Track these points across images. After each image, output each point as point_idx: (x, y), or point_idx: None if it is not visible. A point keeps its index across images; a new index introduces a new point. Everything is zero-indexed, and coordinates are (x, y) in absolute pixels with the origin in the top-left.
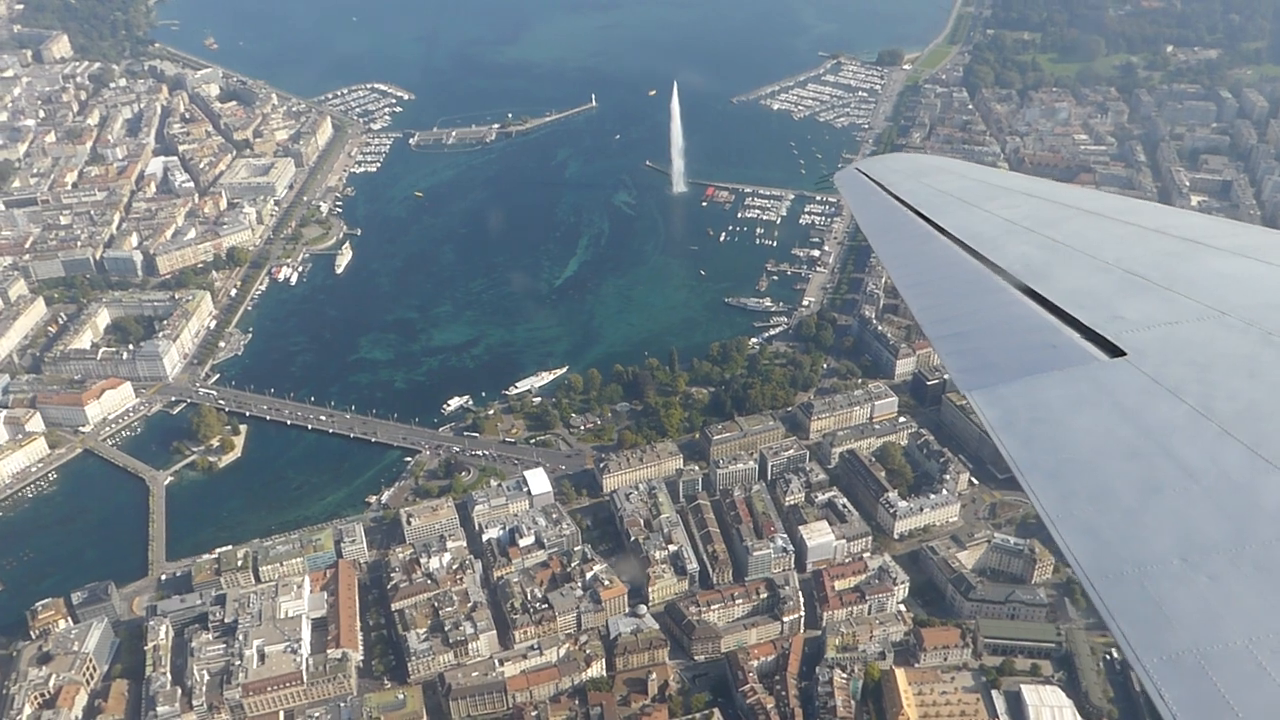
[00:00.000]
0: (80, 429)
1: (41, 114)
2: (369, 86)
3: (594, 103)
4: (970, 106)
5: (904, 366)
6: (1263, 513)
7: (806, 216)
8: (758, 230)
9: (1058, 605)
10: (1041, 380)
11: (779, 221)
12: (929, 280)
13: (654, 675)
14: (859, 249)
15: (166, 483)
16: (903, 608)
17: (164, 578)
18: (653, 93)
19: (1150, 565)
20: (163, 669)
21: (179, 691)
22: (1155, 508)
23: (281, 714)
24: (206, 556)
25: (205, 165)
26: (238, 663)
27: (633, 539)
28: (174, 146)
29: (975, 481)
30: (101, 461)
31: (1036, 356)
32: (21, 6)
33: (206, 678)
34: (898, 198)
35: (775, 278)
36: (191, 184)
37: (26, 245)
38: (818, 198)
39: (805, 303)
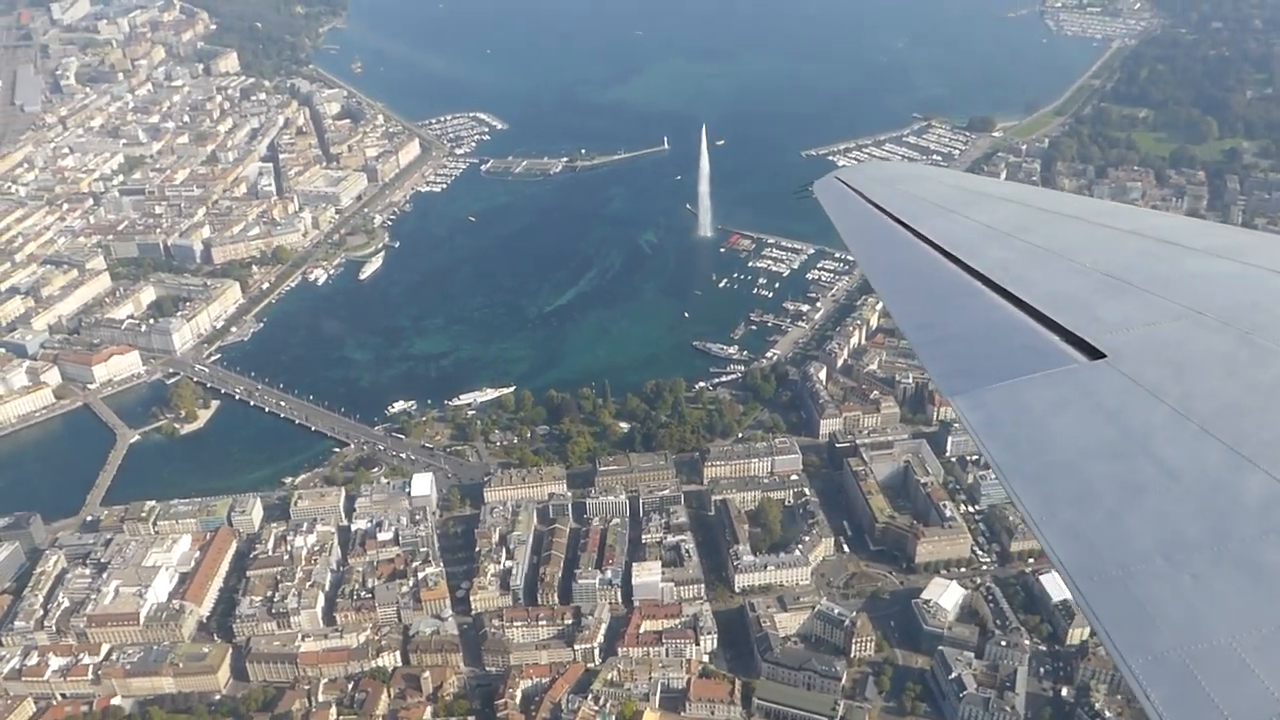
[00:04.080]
0: (87, 386)
1: (186, 118)
2: (470, 115)
3: (665, 145)
4: (1035, 179)
5: (828, 426)
6: (1243, 510)
7: (816, 272)
8: (760, 280)
9: (861, 683)
10: (1022, 384)
11: (787, 274)
12: (909, 286)
13: (427, 675)
14: (851, 309)
15: (132, 440)
16: (706, 658)
17: (89, 519)
18: (720, 142)
19: (1134, 565)
20: (39, 591)
21: (40, 613)
22: (1138, 508)
23: (105, 646)
24: (122, 506)
25: (294, 173)
26: (93, 597)
27: (477, 549)
28: (277, 155)
29: (846, 550)
30: (93, 416)
31: (1017, 360)
32: (215, 27)
33: (65, 605)
34: (877, 205)
35: (754, 327)
36: (273, 188)
37: (119, 228)
38: (836, 254)
39: (770, 354)
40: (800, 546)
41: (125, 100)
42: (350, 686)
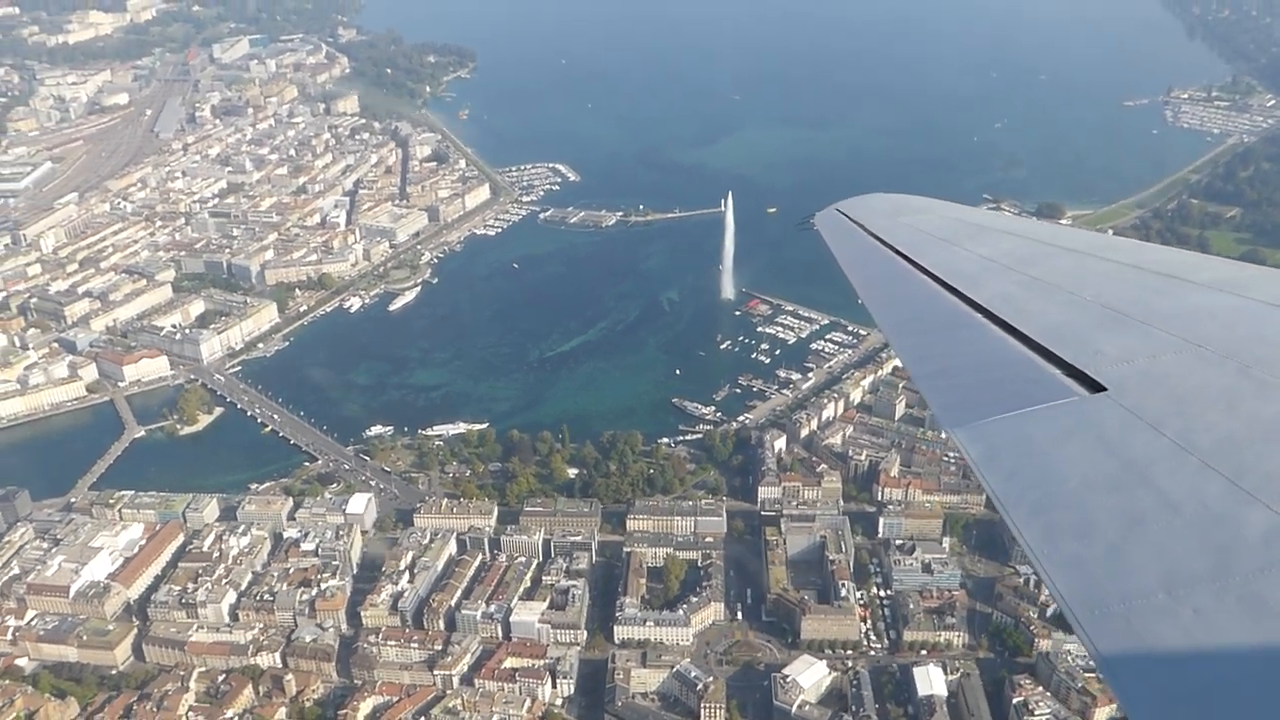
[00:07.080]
0: (117, 384)
1: (292, 152)
2: (548, 165)
3: (722, 207)
4: None
5: (765, 493)
6: (1244, 544)
7: (821, 343)
8: (763, 345)
9: None
10: (1023, 416)
11: (792, 341)
12: (909, 319)
13: (290, 679)
14: (840, 380)
15: (136, 435)
16: (560, 702)
17: (73, 501)
18: (773, 210)
19: (1135, 600)
20: None
21: None
22: (1139, 542)
23: (32, 612)
24: (97, 492)
25: (365, 208)
26: (38, 568)
27: (384, 569)
28: (357, 190)
29: (740, 617)
30: (113, 410)
31: (1018, 392)
32: (348, 72)
33: (15, 572)
34: (877, 237)
35: (738, 390)
36: (341, 221)
37: (195, 245)
38: (848, 327)
39: (743, 418)
40: (685, 607)
41: (245, 133)
42: (220, 679)
